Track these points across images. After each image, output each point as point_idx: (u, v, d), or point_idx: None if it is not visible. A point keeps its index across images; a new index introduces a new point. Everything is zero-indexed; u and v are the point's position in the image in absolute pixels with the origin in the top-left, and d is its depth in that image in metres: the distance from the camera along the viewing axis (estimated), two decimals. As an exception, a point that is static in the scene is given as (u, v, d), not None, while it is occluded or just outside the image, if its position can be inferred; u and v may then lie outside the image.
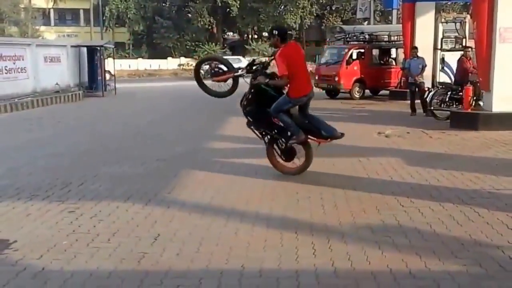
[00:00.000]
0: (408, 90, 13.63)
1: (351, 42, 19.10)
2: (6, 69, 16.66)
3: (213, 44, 44.22)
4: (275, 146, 6.41)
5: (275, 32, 6.14)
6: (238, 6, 42.82)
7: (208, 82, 6.67)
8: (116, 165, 7.15)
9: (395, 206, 5.01)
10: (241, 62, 28.11)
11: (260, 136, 6.43)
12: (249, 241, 4.12)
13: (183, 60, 43.78)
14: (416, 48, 13.51)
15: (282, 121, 6.09)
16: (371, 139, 9.28)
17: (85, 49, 21.20)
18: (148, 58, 44.58)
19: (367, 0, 28.44)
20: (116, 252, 3.90)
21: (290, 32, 47.01)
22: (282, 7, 44.89)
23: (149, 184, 6.04)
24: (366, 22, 29.03)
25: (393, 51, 18.78)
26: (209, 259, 3.75)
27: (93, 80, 20.81)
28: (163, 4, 47.85)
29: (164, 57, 43.82)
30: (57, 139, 9.86)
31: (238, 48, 47.72)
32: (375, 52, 18.50)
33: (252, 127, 6.41)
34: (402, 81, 15.99)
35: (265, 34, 45.76)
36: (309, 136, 6.18)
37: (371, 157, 7.41)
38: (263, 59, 6.52)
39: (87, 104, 18.08)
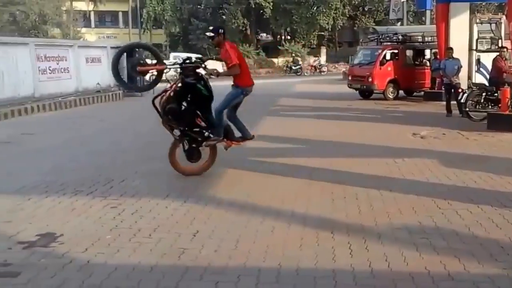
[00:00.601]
0: (443, 91, 13.44)
1: (385, 43, 18.96)
2: (50, 69, 17.25)
3: (247, 45, 44.44)
4: (182, 146, 6.35)
5: (221, 30, 6.52)
6: (271, 8, 42.93)
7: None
8: (154, 162, 7.31)
9: (432, 207, 4.98)
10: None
11: (173, 134, 6.36)
12: (286, 239, 4.18)
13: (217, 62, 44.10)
14: (451, 49, 13.26)
15: (220, 120, 6.32)
16: (406, 140, 9.19)
17: (124, 50, 21.68)
18: (184, 58, 45.15)
19: (400, 1, 28.00)
20: (157, 247, 4.03)
21: (322, 33, 46.95)
22: (315, 8, 44.70)
23: (187, 181, 6.17)
24: (399, 23, 28.56)
25: (427, 52, 18.53)
26: (247, 257, 3.82)
27: (131, 80, 21.23)
28: (199, 6, 48.38)
29: (200, 58, 44.30)
30: (99, 137, 10.16)
31: (271, 49, 47.80)
32: (409, 53, 18.30)
33: (168, 125, 6.31)
34: (437, 82, 15.78)
35: (299, 35, 45.85)
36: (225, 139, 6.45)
37: (406, 158, 7.35)
38: (199, 56, 6.76)
39: (127, 103, 18.48)
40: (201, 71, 6.28)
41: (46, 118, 13.75)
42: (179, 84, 6.18)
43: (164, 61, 6.64)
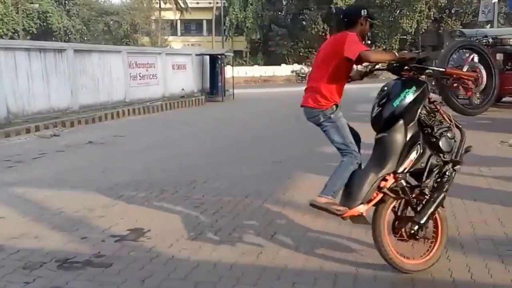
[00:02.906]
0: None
1: None
2: (140, 76, 18.37)
3: (327, 50, 44.20)
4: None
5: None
6: (353, 12, 42.35)
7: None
8: (235, 165, 7.57)
9: (521, 219, 4.73)
10: None
11: None
12: (363, 246, 4.16)
13: (296, 66, 44.40)
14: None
15: None
16: (493, 148, 8.71)
17: (207, 57, 22.53)
18: (264, 65, 45.83)
19: (491, 2, 26.39)
20: (236, 246, 4.18)
21: (405, 37, 45.33)
22: (398, 11, 43.50)
23: (265, 184, 6.31)
24: (489, 25, 26.94)
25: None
26: (323, 260, 3.86)
27: (213, 86, 22.03)
28: (279, 13, 48.92)
29: (278, 63, 44.75)
30: (184, 140, 10.64)
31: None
32: (499, 56, 17.27)
33: None
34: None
35: (380, 39, 44.74)
36: None
37: (492, 167, 6.99)
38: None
39: (209, 108, 19.12)
40: None
41: (136, 122, 14.60)
42: None
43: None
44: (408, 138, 3.55)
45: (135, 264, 3.84)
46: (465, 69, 3.84)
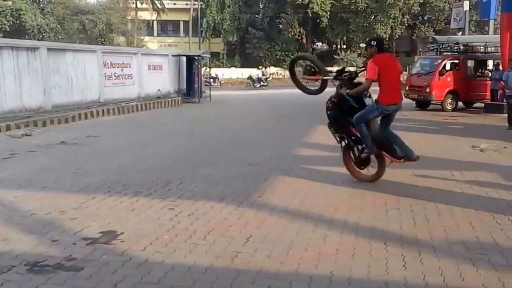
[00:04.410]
0: (505, 103, 12.99)
1: (445, 53, 18.50)
2: (115, 76, 18.12)
3: (303, 54, 44.57)
4: (351, 153, 6.61)
5: (374, 42, 6.34)
6: (328, 17, 42.82)
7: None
8: (211, 167, 7.53)
9: (490, 223, 4.83)
10: None
11: (338, 140, 6.65)
12: (338, 248, 4.19)
13: (272, 69, 44.59)
14: (515, 60, 12.78)
15: (361, 133, 6.23)
16: (464, 152, 8.91)
17: (184, 58, 22.39)
18: (240, 67, 45.90)
19: (463, 10, 27.02)
20: (211, 250, 4.14)
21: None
22: (373, 17, 44.16)
23: (241, 186, 6.30)
24: (461, 32, 27.58)
25: (489, 62, 17.96)
26: (299, 263, 3.86)
27: (190, 87, 21.90)
28: (256, 16, 49.11)
29: (255, 66, 44.87)
30: (160, 141, 10.53)
31: (326, 58, 47.56)
32: (470, 63, 17.76)
33: (331, 129, 6.68)
34: (498, 93, 15.28)
35: (355, 44, 45.38)
36: (383, 152, 6.30)
37: (464, 171, 7.14)
38: (352, 69, 6.97)
39: (185, 109, 19.00)
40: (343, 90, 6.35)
41: (110, 122, 14.39)
42: (336, 94, 6.51)
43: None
44: None
45: (107, 267, 3.77)
46: None
